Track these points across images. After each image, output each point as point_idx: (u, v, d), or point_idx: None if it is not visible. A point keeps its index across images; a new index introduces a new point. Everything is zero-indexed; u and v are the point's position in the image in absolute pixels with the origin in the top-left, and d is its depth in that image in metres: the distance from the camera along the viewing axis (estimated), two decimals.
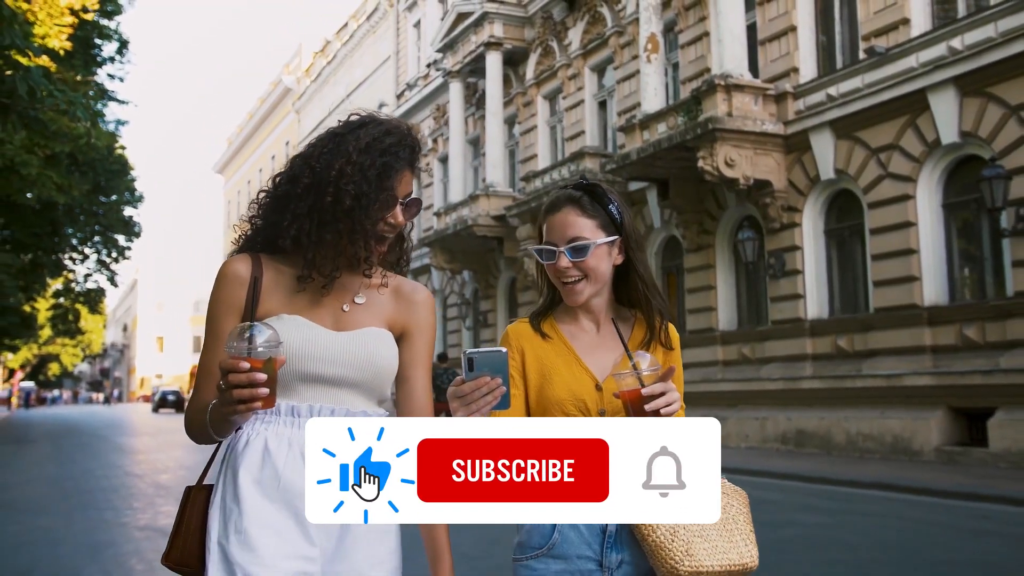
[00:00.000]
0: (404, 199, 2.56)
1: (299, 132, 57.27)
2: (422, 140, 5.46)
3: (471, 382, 2.27)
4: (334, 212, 2.45)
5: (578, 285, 2.67)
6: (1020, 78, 15.88)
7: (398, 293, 2.70)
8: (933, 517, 11.54)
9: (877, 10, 18.66)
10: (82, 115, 15.98)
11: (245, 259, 2.59)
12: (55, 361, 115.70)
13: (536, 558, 2.59)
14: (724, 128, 19.57)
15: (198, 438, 2.53)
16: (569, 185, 2.75)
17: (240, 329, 2.22)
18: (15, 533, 11.46)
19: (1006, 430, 15.68)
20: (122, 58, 32.69)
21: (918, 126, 17.66)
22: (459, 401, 2.28)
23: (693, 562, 2.49)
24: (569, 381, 2.65)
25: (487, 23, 31.09)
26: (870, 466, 16.37)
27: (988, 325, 16.33)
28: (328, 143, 2.53)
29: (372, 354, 2.55)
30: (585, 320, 2.77)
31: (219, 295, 2.56)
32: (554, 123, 30.78)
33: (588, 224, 2.66)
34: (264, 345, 2.20)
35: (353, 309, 2.60)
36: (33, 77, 13.47)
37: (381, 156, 2.48)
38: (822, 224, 20.26)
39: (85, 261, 41.97)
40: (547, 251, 2.67)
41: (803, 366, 19.94)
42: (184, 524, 2.53)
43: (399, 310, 2.68)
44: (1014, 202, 15.75)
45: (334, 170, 2.46)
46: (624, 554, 2.59)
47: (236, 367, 2.16)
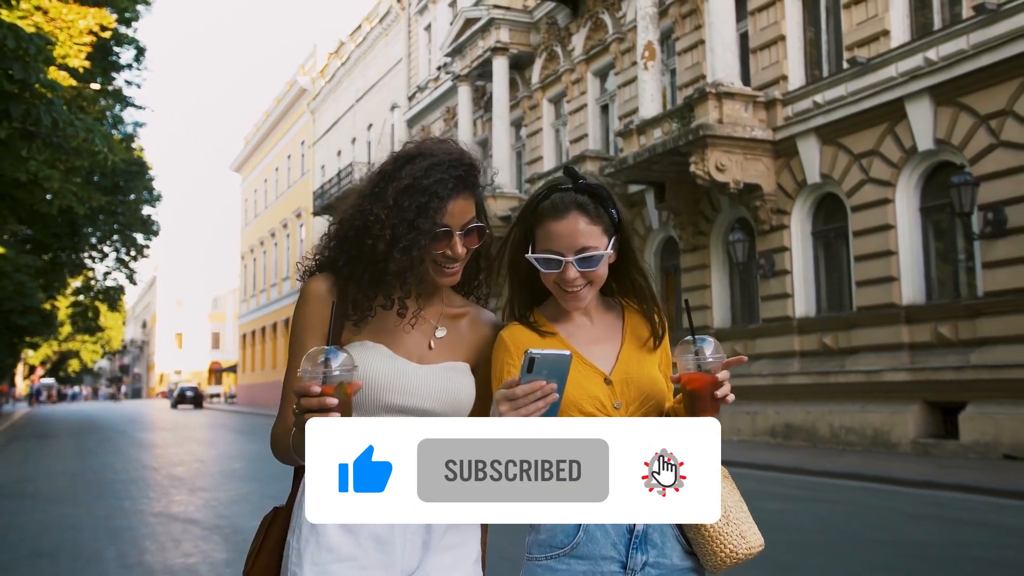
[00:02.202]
0: (462, 228, 2.54)
1: (314, 132, 57.93)
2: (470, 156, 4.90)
3: (526, 384, 2.16)
4: (373, 256, 2.48)
5: (582, 292, 2.55)
6: (989, 89, 16.66)
7: (475, 324, 2.72)
8: (885, 503, 12.40)
9: (860, 21, 19.42)
10: (100, 142, 16.93)
11: (327, 278, 2.61)
12: (75, 358, 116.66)
13: (556, 558, 2.49)
14: (715, 135, 20.36)
15: (284, 460, 2.52)
16: (564, 184, 2.60)
17: (314, 353, 2.22)
18: (40, 520, 12.35)
19: (975, 423, 16.49)
20: (139, 65, 33.44)
21: (896, 133, 18.45)
22: (509, 404, 2.18)
23: (747, 544, 2.51)
24: (577, 378, 2.50)
25: (494, 28, 31.82)
26: (848, 458, 17.17)
27: (961, 323, 17.13)
28: (377, 184, 2.56)
29: (454, 389, 2.57)
30: (577, 315, 2.66)
31: (303, 314, 2.59)
32: (559, 126, 31.46)
33: (595, 231, 2.53)
34: (339, 369, 2.19)
35: (437, 345, 2.62)
36: (56, 109, 14.60)
37: (421, 195, 2.47)
38: (809, 226, 21.06)
39: (104, 259, 42.53)
40: (551, 260, 2.53)
41: (791, 362, 20.75)
42: (264, 544, 2.56)
43: (474, 341, 2.70)
44: (985, 206, 16.55)
45: (372, 215, 2.49)
46: (648, 555, 2.50)
47: (308, 391, 2.16)
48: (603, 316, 2.69)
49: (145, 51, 32.89)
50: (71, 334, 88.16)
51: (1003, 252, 16.35)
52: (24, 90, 14.50)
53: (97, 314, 53.86)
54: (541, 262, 2.53)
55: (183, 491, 15.29)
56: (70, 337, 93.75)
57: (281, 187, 65.02)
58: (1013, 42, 16.08)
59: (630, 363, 2.59)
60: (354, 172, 44.43)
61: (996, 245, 16.46)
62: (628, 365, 2.59)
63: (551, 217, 2.53)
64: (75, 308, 55.10)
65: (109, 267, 44.05)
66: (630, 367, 2.58)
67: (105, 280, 46.41)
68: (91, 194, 25.11)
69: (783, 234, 21.15)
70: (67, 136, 15.59)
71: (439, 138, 2.66)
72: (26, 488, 16.37)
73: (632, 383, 2.56)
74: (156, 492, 15.39)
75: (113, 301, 48.19)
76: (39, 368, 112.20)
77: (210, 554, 9.66)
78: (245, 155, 76.54)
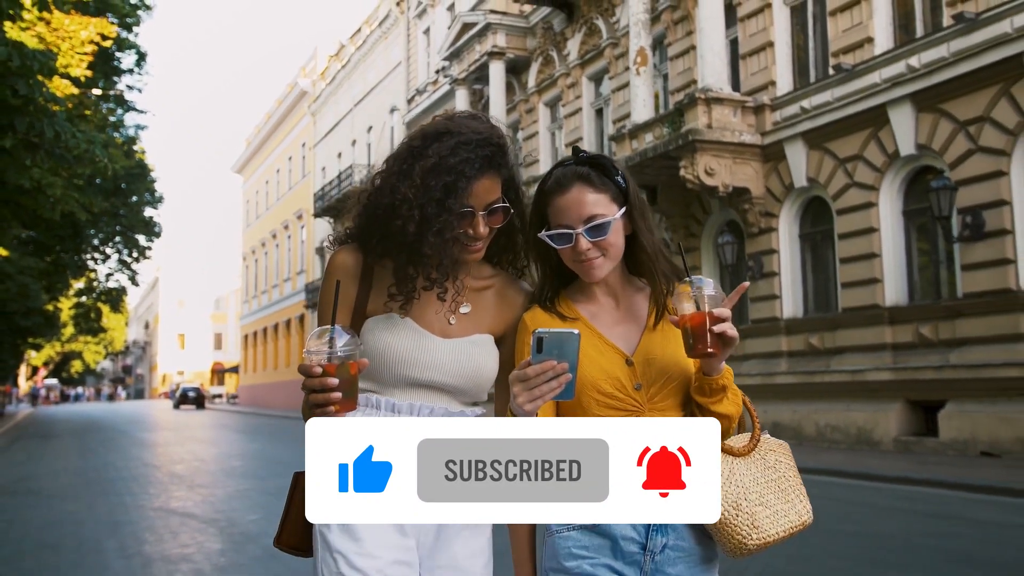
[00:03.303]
0: (486, 208, 2.55)
1: (315, 134, 58.32)
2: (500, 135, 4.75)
3: (537, 365, 2.17)
4: (404, 237, 2.46)
5: (597, 260, 2.52)
6: (968, 96, 17.10)
7: (503, 296, 2.72)
8: (857, 497, 12.88)
9: (845, 28, 19.85)
10: (100, 153, 17.46)
11: (354, 250, 2.62)
12: (78, 358, 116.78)
13: (579, 530, 2.48)
14: (704, 139, 20.79)
15: None
16: (568, 160, 2.61)
17: (318, 332, 2.23)
18: (44, 515, 12.83)
19: (954, 421, 16.95)
20: (140, 70, 33.78)
21: (880, 138, 18.90)
22: (521, 385, 2.20)
23: (759, 534, 2.46)
24: (598, 360, 2.52)
25: (490, 33, 32.22)
26: (832, 455, 17.60)
27: (941, 324, 17.58)
28: (405, 160, 2.53)
29: (476, 364, 2.59)
30: (603, 296, 2.65)
31: (328, 287, 2.55)
32: (554, 129, 31.87)
33: (601, 199, 2.51)
34: (343, 349, 2.21)
35: (459, 319, 2.63)
36: (58, 122, 15.19)
37: (447, 175, 2.45)
38: (797, 229, 21.52)
39: (107, 261, 42.73)
40: (562, 235, 2.52)
41: (779, 362, 21.19)
42: (293, 508, 2.58)
43: (502, 312, 2.70)
44: (964, 210, 16.99)
45: (399, 194, 2.46)
46: (668, 538, 2.48)
47: (310, 371, 2.20)
48: (630, 297, 2.67)
49: (146, 56, 33.21)
50: (74, 335, 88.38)
51: (981, 255, 16.79)
52: (28, 104, 15.06)
53: (99, 315, 53.99)
54: (553, 238, 2.53)
55: (182, 487, 15.75)
56: (73, 338, 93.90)
57: (282, 189, 65.42)
58: (991, 50, 16.52)
59: (653, 343, 2.57)
60: (354, 174, 44.81)
61: (975, 248, 16.89)
62: (651, 345, 2.57)
63: (556, 193, 2.54)
64: (77, 309, 55.31)
65: (111, 268, 44.30)
66: (653, 347, 2.56)
67: (107, 281, 46.65)
68: (92, 199, 25.54)
69: (771, 236, 21.60)
70: (69, 148, 16.16)
71: (470, 112, 2.64)
72: (30, 486, 16.83)
73: (654, 363, 2.54)
74: (156, 488, 15.86)
75: (115, 302, 48.45)
76: (42, 369, 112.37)
77: (205, 545, 10.11)
78: (246, 157, 76.88)
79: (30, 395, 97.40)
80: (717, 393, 2.46)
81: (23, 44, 14.98)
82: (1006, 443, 16.00)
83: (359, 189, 2.71)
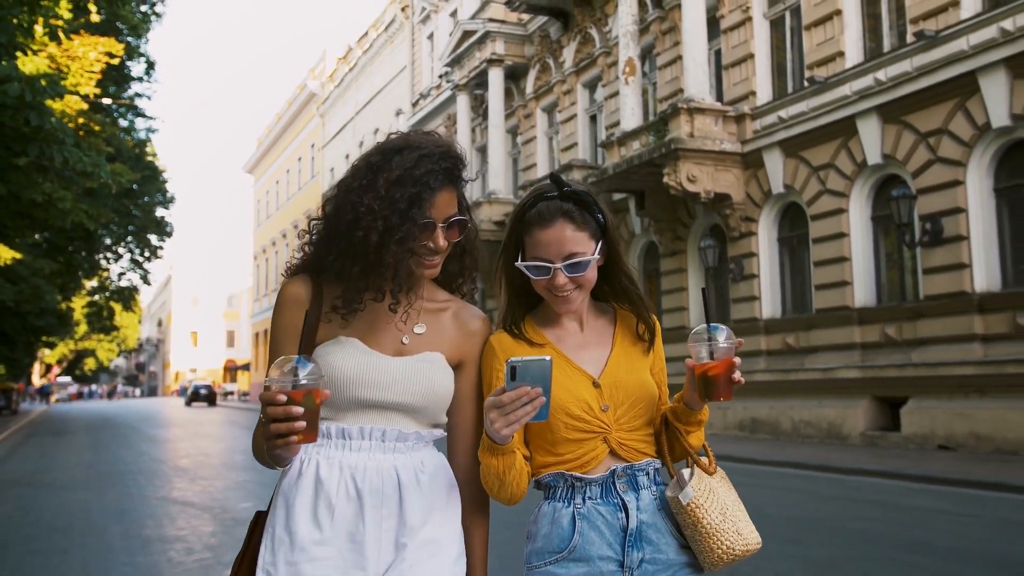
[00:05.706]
0: (445, 221, 2.52)
1: (323, 135, 59.24)
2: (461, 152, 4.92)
3: (512, 392, 2.18)
4: (364, 248, 2.42)
5: (572, 295, 2.55)
6: (928, 109, 18.03)
7: (458, 318, 2.66)
8: (806, 487, 13.84)
9: (819, 42, 20.76)
10: (105, 175, 18.57)
11: (304, 281, 2.56)
12: (91, 356, 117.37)
13: (556, 563, 2.50)
14: (686, 148, 21.71)
15: (263, 463, 2.44)
16: (550, 191, 2.60)
17: (281, 361, 2.18)
18: (55, 504, 13.90)
19: (915, 416, 17.92)
20: (149, 78, 34.68)
21: (850, 148, 19.84)
22: (497, 411, 2.21)
23: (743, 540, 2.52)
24: (566, 383, 2.53)
25: (490, 41, 33.14)
26: (803, 449, 18.56)
27: (904, 324, 18.52)
28: (364, 175, 2.50)
29: (430, 381, 2.51)
30: (567, 321, 2.67)
31: (279, 319, 2.54)
32: (551, 134, 32.75)
33: (582, 237, 2.53)
34: (307, 378, 2.15)
35: (413, 339, 2.56)
36: (67, 148, 16.35)
37: (412, 186, 2.43)
38: (775, 233, 22.45)
39: (119, 260, 43.63)
40: (540, 267, 2.54)
41: (758, 360, 22.07)
42: (249, 547, 2.51)
43: (456, 337, 2.64)
44: (924, 217, 17.90)
45: (363, 207, 2.42)
46: (644, 552, 2.51)
47: (274, 399, 2.11)
48: (595, 321, 2.70)
49: (155, 65, 34.04)
50: (87, 333, 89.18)
51: (940, 259, 17.71)
52: (38, 132, 16.18)
53: (112, 314, 54.80)
54: (531, 269, 2.54)
55: (185, 479, 16.85)
56: (86, 336, 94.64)
57: (292, 189, 66.36)
58: (948, 66, 17.43)
59: (619, 367, 2.60)
60: None
61: (934, 252, 17.80)
62: (617, 369, 2.60)
63: (538, 225, 2.54)
64: (90, 308, 56.06)
65: (123, 268, 45.11)
66: (619, 371, 2.59)
67: (120, 280, 47.41)
68: (101, 211, 26.40)
69: (751, 240, 22.54)
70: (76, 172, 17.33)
71: (424, 131, 2.63)
72: (44, 478, 17.88)
73: (621, 386, 2.57)
74: (160, 480, 16.97)
75: (127, 301, 49.07)
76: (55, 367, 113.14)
77: (199, 528, 11.20)
78: (257, 157, 77.89)
79: (40, 391, 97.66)
80: (695, 425, 2.60)
81: (36, 79, 16.10)
82: (960, 437, 16.95)
83: (309, 219, 2.73)
